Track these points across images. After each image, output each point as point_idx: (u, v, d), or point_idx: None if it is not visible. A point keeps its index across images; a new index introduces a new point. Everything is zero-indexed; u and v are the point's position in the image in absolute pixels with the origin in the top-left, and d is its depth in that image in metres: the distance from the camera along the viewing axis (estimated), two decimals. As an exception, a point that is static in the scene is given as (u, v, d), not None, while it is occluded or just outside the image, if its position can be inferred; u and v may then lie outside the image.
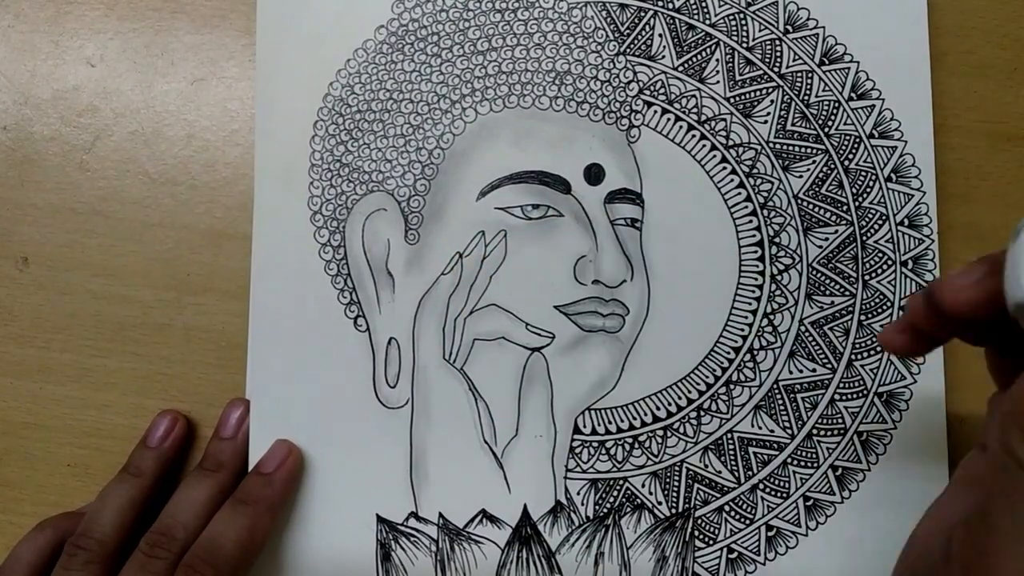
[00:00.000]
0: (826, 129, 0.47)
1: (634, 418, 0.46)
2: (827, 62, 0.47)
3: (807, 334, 0.46)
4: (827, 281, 0.46)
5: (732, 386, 0.46)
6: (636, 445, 0.46)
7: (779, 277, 0.46)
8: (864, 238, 0.46)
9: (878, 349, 0.46)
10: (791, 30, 0.47)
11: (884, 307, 0.46)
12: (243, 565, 0.41)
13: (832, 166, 0.46)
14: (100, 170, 0.48)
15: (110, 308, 0.47)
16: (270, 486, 0.43)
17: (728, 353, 0.46)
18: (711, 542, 0.45)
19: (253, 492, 0.43)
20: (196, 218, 0.48)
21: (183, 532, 0.41)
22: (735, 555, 0.45)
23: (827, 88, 0.47)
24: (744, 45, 0.47)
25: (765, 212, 0.46)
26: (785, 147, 0.47)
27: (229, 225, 0.47)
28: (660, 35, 0.47)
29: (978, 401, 0.46)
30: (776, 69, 0.47)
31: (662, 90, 0.47)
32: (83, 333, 0.47)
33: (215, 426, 0.45)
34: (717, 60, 0.47)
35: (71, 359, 0.47)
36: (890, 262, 0.46)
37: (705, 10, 0.47)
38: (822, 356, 0.46)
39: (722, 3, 0.47)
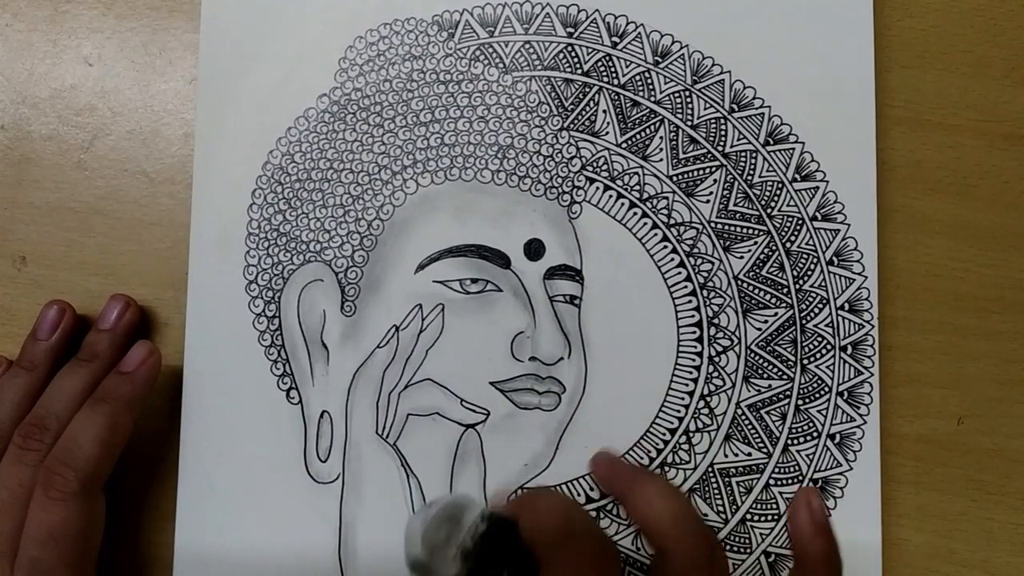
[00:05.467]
0: (769, 210, 0.46)
1: (567, 498, 0.45)
2: (772, 142, 0.47)
3: (743, 417, 0.46)
4: (765, 364, 0.46)
5: (667, 468, 0.45)
6: (568, 526, 0.45)
7: (717, 359, 0.46)
8: (804, 322, 0.46)
9: (815, 434, 0.46)
10: (736, 109, 0.47)
11: (822, 392, 0.46)
12: (104, 462, 0.41)
13: (774, 247, 0.46)
14: (98, 169, 0.48)
15: (109, 307, 0.47)
16: (130, 384, 0.43)
17: (663, 434, 0.45)
18: (642, 626, 0.45)
19: (112, 390, 0.43)
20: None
21: (56, 423, 0.41)
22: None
23: (771, 168, 0.47)
24: (688, 123, 0.47)
25: (704, 293, 0.46)
26: (727, 227, 0.46)
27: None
28: (604, 111, 0.46)
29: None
30: (720, 148, 0.47)
31: (605, 166, 0.46)
32: (82, 333, 0.46)
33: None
34: (661, 138, 0.46)
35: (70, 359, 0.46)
36: (829, 347, 0.46)
37: (650, 87, 0.47)
38: (758, 440, 0.45)
39: (667, 80, 0.47)
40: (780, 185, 0.46)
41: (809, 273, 0.46)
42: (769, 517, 0.45)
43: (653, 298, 0.46)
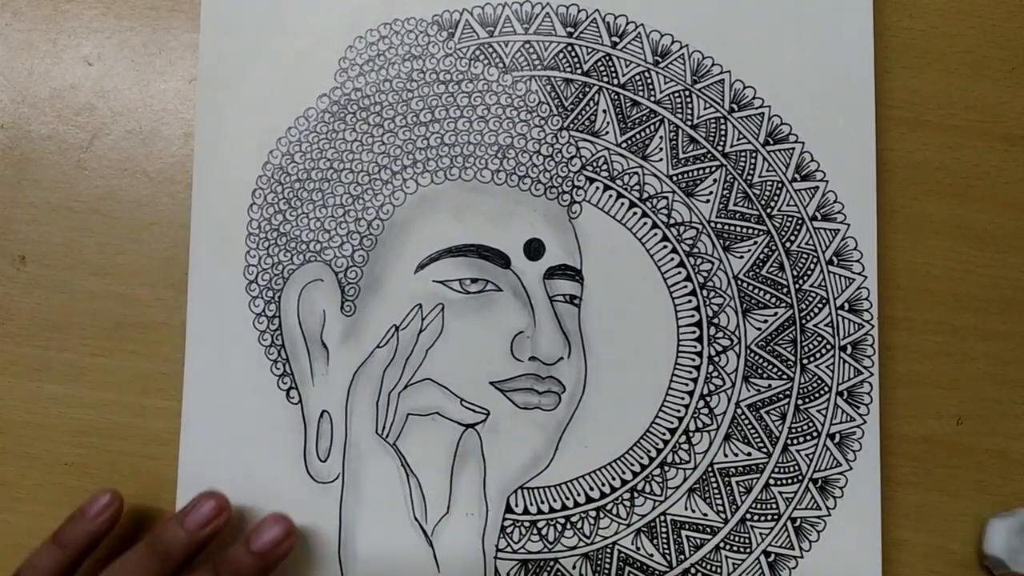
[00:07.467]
0: (768, 210, 0.46)
1: (567, 498, 0.45)
2: (772, 142, 0.47)
3: (743, 417, 0.46)
4: (765, 364, 0.46)
5: (666, 468, 0.45)
6: (568, 526, 0.45)
7: (717, 359, 0.46)
8: (803, 321, 0.46)
9: (814, 434, 0.46)
10: (736, 109, 0.47)
11: (822, 391, 0.46)
12: None
13: (773, 247, 0.46)
14: (98, 169, 0.48)
15: (108, 307, 0.47)
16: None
17: (663, 434, 0.45)
18: (641, 626, 0.45)
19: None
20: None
21: None
22: (665, 640, 0.45)
23: (771, 168, 0.47)
24: (688, 123, 0.47)
25: (704, 292, 0.46)
26: (726, 227, 0.46)
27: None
28: (604, 111, 0.46)
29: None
30: (720, 148, 0.47)
31: (604, 166, 0.46)
32: (81, 332, 0.47)
33: (180, 509, 0.43)
34: (661, 137, 0.46)
35: (69, 358, 0.47)
36: (829, 346, 0.46)
37: (650, 87, 0.47)
38: (758, 440, 0.45)
39: (667, 80, 0.47)
40: (780, 185, 0.46)
41: (809, 273, 0.46)
42: (769, 517, 0.45)
43: (653, 298, 0.46)
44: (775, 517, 0.45)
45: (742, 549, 0.45)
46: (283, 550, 0.42)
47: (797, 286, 0.46)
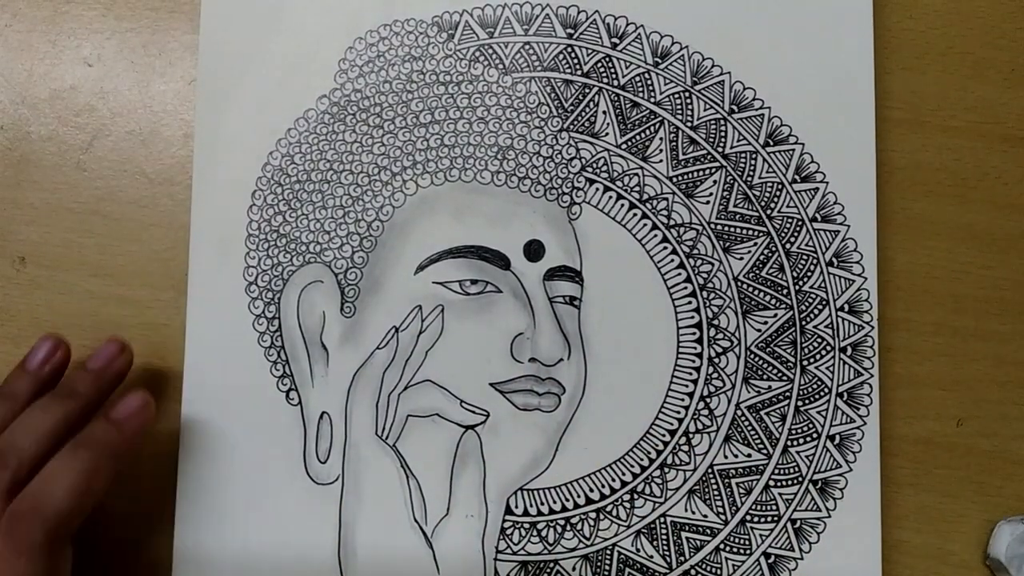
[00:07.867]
0: (768, 211, 0.46)
1: (567, 499, 0.45)
2: (772, 143, 0.47)
3: (743, 419, 0.45)
4: (765, 365, 0.46)
5: (666, 469, 0.45)
6: (568, 527, 0.45)
7: (717, 360, 0.46)
8: (803, 323, 0.46)
9: (814, 435, 0.46)
10: (736, 110, 0.47)
11: (822, 393, 0.46)
12: (76, 513, 0.38)
13: (773, 248, 0.46)
14: (97, 170, 0.48)
15: (107, 308, 0.47)
16: (117, 433, 0.40)
17: (663, 436, 0.45)
18: (641, 627, 0.45)
19: (97, 437, 0.40)
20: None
21: (16, 460, 0.38)
22: (665, 641, 0.45)
23: (771, 169, 0.47)
24: (688, 124, 0.47)
25: (704, 294, 0.46)
26: (727, 228, 0.46)
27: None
28: (604, 112, 0.46)
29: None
30: (720, 149, 0.47)
31: (604, 167, 0.46)
32: (80, 333, 0.47)
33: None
34: (661, 139, 0.46)
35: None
36: (829, 348, 0.46)
37: (650, 88, 0.47)
38: (758, 441, 0.45)
39: (667, 81, 0.47)
40: (780, 186, 0.46)
41: (809, 274, 0.46)
42: (769, 518, 0.45)
43: (653, 299, 0.46)
44: (775, 518, 0.45)
45: (742, 550, 0.45)
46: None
47: (797, 287, 0.46)
